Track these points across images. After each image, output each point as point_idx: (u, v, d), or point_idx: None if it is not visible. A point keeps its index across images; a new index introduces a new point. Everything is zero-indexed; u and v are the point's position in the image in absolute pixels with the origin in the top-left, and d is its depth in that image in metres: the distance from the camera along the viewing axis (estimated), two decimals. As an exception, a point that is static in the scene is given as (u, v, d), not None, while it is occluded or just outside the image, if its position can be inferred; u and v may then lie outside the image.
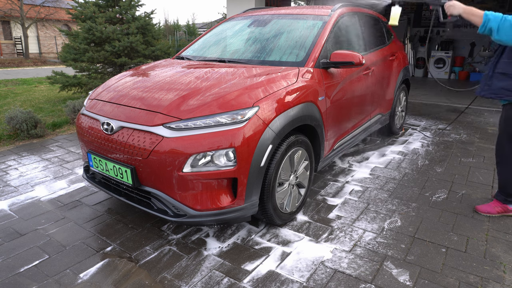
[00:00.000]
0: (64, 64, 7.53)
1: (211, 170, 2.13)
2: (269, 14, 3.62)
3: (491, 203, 2.81)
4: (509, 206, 2.74)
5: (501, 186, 2.77)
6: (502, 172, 2.75)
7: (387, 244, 2.43)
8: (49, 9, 24.82)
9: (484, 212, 2.79)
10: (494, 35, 2.28)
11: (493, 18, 2.27)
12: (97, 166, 2.49)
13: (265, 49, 3.13)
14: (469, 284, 2.05)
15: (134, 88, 2.59)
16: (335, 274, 2.14)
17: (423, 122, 5.64)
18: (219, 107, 2.21)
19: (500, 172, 2.77)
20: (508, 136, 2.64)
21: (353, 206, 2.95)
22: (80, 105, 5.43)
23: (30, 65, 18.36)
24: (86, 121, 2.59)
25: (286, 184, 2.56)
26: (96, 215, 2.82)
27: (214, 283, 2.06)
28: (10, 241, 2.47)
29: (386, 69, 4.18)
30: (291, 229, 2.61)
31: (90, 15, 6.98)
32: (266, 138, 2.24)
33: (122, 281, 2.08)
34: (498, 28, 2.26)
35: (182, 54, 3.61)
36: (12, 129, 4.71)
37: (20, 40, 24.20)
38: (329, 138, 3.04)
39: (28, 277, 2.12)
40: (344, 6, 3.58)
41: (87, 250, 2.37)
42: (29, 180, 3.45)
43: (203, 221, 2.22)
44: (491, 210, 2.77)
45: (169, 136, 2.13)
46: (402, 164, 3.86)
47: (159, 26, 9.38)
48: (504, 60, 2.47)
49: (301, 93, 2.57)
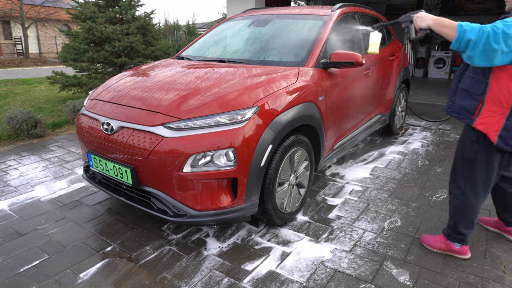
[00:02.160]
0: (64, 64, 7.53)
1: (211, 170, 2.13)
2: (269, 14, 3.62)
3: (437, 237, 2.38)
4: (453, 246, 2.28)
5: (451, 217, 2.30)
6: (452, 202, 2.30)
7: (387, 244, 2.43)
8: (49, 9, 24.81)
9: (426, 244, 2.40)
10: (469, 50, 1.84)
11: (469, 29, 1.81)
12: (97, 166, 2.49)
13: (265, 49, 3.13)
14: (469, 284, 2.05)
15: (134, 88, 2.59)
16: (335, 274, 2.14)
17: (423, 122, 5.64)
18: (219, 107, 2.21)
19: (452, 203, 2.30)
20: (461, 159, 2.21)
21: (353, 206, 2.95)
22: (80, 105, 5.43)
23: (30, 65, 18.35)
24: (86, 121, 2.59)
25: (286, 184, 2.56)
26: (96, 215, 2.82)
27: (214, 283, 2.06)
28: (10, 241, 2.47)
29: (386, 69, 4.19)
30: (291, 229, 2.61)
31: (90, 15, 6.98)
32: (266, 138, 2.24)
33: (122, 281, 2.08)
34: (476, 41, 1.81)
35: (182, 54, 3.61)
36: (12, 129, 4.71)
37: (20, 40, 24.19)
38: (329, 138, 3.04)
39: (28, 277, 2.12)
40: (344, 6, 3.58)
41: (87, 250, 2.37)
42: (29, 180, 3.45)
43: (203, 221, 2.22)
44: (434, 245, 2.36)
45: (169, 136, 2.13)
46: (402, 164, 3.86)
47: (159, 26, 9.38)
48: (468, 74, 2.06)
49: (301, 93, 2.57)
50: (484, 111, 2.03)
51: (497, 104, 1.98)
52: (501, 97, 1.95)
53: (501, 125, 1.98)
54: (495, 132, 2.01)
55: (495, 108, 1.99)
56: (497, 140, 2.00)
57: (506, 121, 1.97)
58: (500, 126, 1.98)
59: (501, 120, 1.98)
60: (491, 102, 2.00)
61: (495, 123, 2.00)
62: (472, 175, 2.15)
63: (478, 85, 2.03)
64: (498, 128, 1.99)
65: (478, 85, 2.02)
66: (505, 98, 1.95)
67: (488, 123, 2.02)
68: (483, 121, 2.04)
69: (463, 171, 2.20)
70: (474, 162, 2.13)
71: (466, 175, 2.18)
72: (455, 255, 2.28)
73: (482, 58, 1.82)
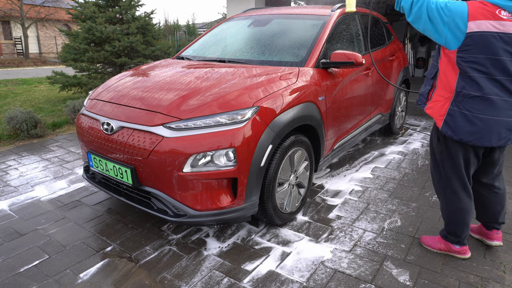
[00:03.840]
0: (64, 64, 7.54)
1: (211, 170, 2.13)
2: (269, 14, 3.62)
3: (436, 237, 2.37)
4: (452, 246, 2.26)
5: (444, 221, 2.32)
6: (440, 206, 2.31)
7: (387, 244, 2.43)
8: (49, 9, 24.81)
9: (425, 244, 2.38)
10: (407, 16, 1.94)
11: None
12: (97, 166, 2.49)
13: (265, 49, 3.13)
14: (469, 284, 2.05)
15: (134, 88, 2.59)
16: (335, 274, 2.14)
17: (423, 122, 5.65)
18: (219, 107, 2.21)
19: (440, 206, 2.31)
20: (434, 162, 2.22)
21: (353, 206, 2.95)
22: (80, 105, 5.43)
23: (30, 65, 18.35)
24: (86, 121, 2.59)
25: (286, 184, 2.56)
26: (96, 215, 2.82)
27: (214, 283, 2.06)
28: (10, 241, 2.47)
29: (386, 69, 4.19)
30: (291, 229, 2.61)
31: (90, 15, 6.99)
32: (266, 138, 2.24)
33: (122, 281, 2.08)
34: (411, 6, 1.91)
35: (182, 54, 3.61)
36: (12, 129, 4.71)
37: (20, 40, 24.20)
38: (329, 138, 3.04)
39: (28, 277, 2.12)
40: (344, 6, 3.57)
41: (87, 250, 2.37)
42: (29, 180, 3.45)
43: (203, 221, 2.22)
44: (433, 245, 2.35)
45: (169, 136, 2.13)
46: (402, 164, 3.86)
47: (159, 26, 9.38)
48: (433, 62, 2.11)
49: (301, 93, 2.57)
50: (434, 96, 2.07)
51: (444, 88, 2.00)
52: (445, 81, 1.97)
53: (446, 110, 1.98)
54: (440, 117, 2.01)
55: (443, 92, 2.01)
56: (442, 125, 2.00)
57: (450, 106, 1.96)
58: (445, 111, 1.99)
59: (446, 105, 1.99)
60: (441, 87, 2.03)
61: (440, 107, 2.01)
62: (445, 176, 2.15)
63: (432, 70, 2.09)
64: (443, 113, 1.99)
65: (432, 70, 2.09)
66: (448, 82, 1.96)
67: (435, 108, 2.04)
68: (431, 105, 2.07)
69: (438, 175, 2.21)
70: (442, 163, 2.14)
71: (440, 177, 2.19)
72: (455, 255, 2.27)
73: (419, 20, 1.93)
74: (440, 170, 2.18)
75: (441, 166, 2.16)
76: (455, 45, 1.87)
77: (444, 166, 2.13)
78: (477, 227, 2.47)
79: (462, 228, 2.20)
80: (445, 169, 2.14)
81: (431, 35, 1.94)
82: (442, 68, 2.00)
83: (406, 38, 10.77)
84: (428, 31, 1.94)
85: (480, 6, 1.82)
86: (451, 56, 1.91)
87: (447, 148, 2.08)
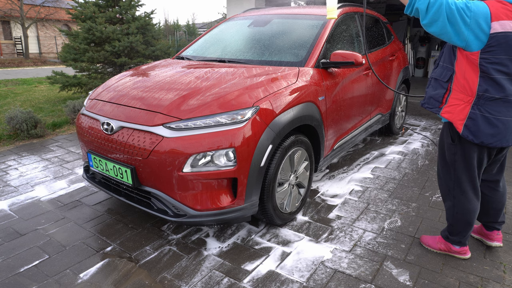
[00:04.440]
0: (64, 64, 7.54)
1: (211, 170, 2.13)
2: (269, 14, 3.62)
3: (436, 237, 2.37)
4: (452, 246, 2.26)
5: (447, 221, 2.29)
6: (446, 206, 2.27)
7: (387, 244, 2.43)
8: (49, 9, 24.82)
9: (426, 244, 2.38)
10: (422, 18, 1.81)
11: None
12: (97, 166, 2.49)
13: (265, 49, 3.13)
14: (469, 284, 2.05)
15: (134, 88, 2.59)
16: (335, 274, 2.14)
17: (423, 122, 5.64)
18: (219, 107, 2.21)
19: (445, 207, 2.27)
20: (443, 162, 2.19)
21: (353, 206, 2.95)
22: (80, 105, 5.43)
23: (30, 65, 18.35)
24: (86, 121, 2.59)
25: (286, 184, 2.56)
26: (96, 215, 2.81)
27: (214, 283, 2.06)
28: (10, 241, 2.47)
29: (386, 69, 4.19)
30: (291, 229, 2.61)
31: (90, 15, 6.99)
32: (266, 138, 2.24)
33: (122, 281, 2.08)
34: (427, 8, 1.78)
35: (182, 54, 3.61)
36: (12, 129, 4.71)
37: (20, 40, 24.20)
38: (329, 138, 3.04)
39: (28, 277, 2.11)
40: (344, 6, 3.58)
41: (87, 250, 2.37)
42: (29, 180, 3.45)
43: (203, 221, 2.22)
44: (433, 245, 2.34)
45: (169, 136, 2.13)
46: (402, 164, 3.86)
47: (159, 26, 9.38)
48: (441, 63, 2.04)
49: (301, 93, 2.57)
50: (450, 99, 1.99)
51: (462, 91, 1.93)
52: (465, 84, 1.91)
53: (467, 114, 1.93)
54: (460, 121, 1.95)
55: (461, 96, 1.94)
56: (463, 130, 1.95)
57: (471, 110, 1.91)
58: (465, 115, 1.93)
59: (467, 109, 1.93)
60: (458, 90, 1.96)
61: (460, 111, 1.95)
62: (455, 177, 2.13)
63: (445, 72, 2.01)
64: (464, 117, 1.94)
65: (446, 72, 2.00)
66: (468, 85, 1.90)
67: (453, 112, 1.97)
68: (449, 110, 2.00)
69: (447, 175, 2.18)
70: (454, 164, 2.10)
71: (450, 178, 2.16)
72: (455, 255, 2.27)
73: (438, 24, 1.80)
74: (450, 171, 2.15)
75: (452, 167, 2.12)
76: (477, 46, 1.81)
77: (456, 167, 2.10)
78: (477, 228, 2.47)
79: (467, 229, 2.19)
80: (456, 170, 2.11)
81: (449, 38, 1.84)
82: (460, 71, 1.93)
83: (406, 38, 10.77)
84: (445, 34, 1.82)
85: (501, 6, 1.78)
86: (472, 58, 1.84)
87: (462, 150, 2.04)
